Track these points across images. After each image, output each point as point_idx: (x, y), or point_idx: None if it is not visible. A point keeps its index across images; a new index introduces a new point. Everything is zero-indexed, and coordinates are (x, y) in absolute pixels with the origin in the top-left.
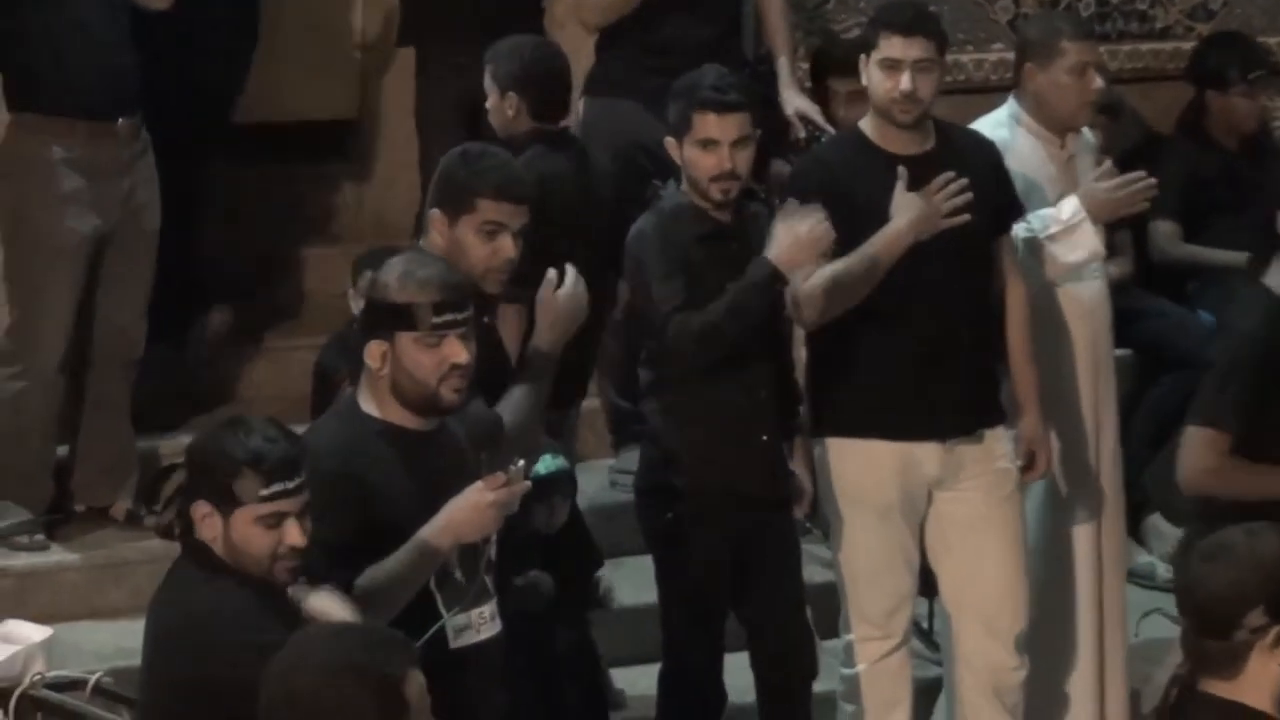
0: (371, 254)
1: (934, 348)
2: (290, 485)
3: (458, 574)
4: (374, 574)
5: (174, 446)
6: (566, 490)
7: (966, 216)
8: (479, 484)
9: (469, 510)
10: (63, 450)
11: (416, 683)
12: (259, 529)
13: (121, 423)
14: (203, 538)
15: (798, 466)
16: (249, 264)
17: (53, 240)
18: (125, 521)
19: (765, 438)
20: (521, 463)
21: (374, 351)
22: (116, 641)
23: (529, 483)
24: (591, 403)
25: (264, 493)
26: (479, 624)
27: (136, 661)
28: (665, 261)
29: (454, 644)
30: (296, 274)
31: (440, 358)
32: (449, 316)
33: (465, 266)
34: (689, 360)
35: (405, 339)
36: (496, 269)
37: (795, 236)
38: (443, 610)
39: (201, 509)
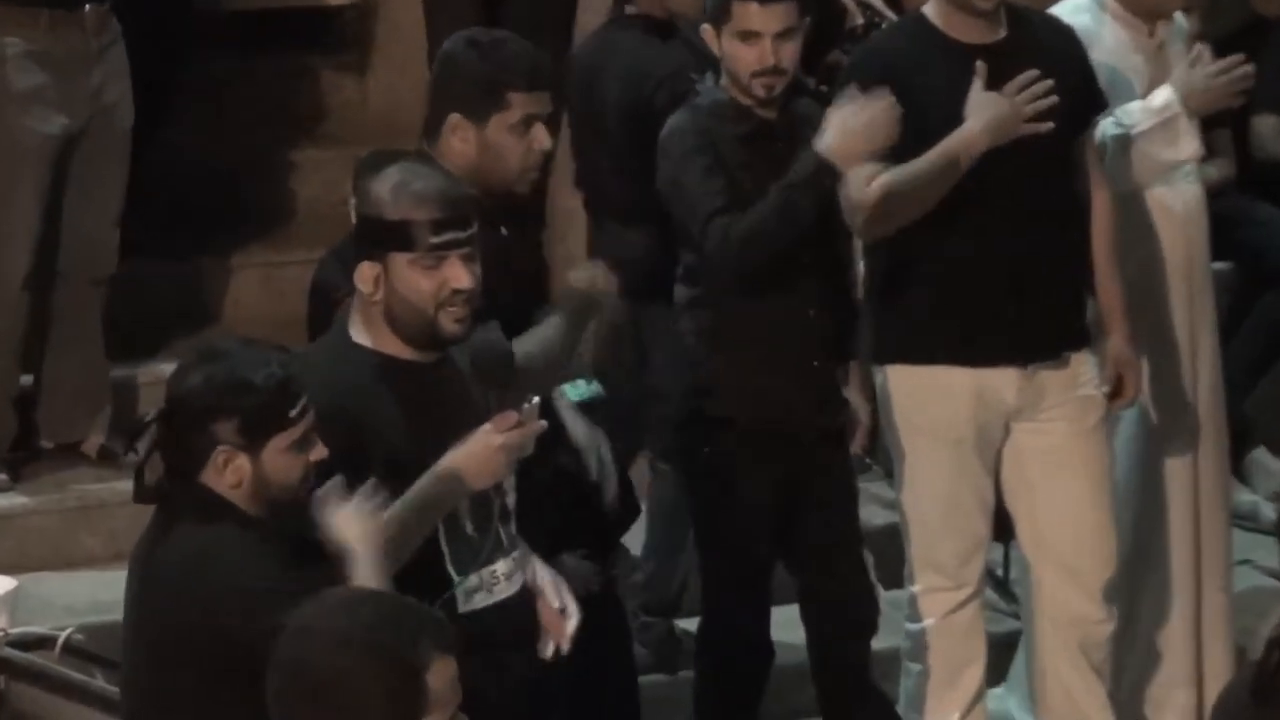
0: (375, 157)
1: (1010, 261)
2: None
3: (468, 527)
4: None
5: (153, 374)
6: (602, 421)
7: (1051, 124)
8: (487, 425)
9: (476, 455)
10: (27, 380)
11: (445, 673)
12: (292, 455)
13: (93, 347)
14: (220, 485)
15: (854, 395)
16: (236, 169)
17: (13, 143)
18: (99, 459)
19: (816, 363)
20: (536, 400)
21: (365, 274)
22: (90, 594)
23: (544, 423)
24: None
25: (294, 413)
26: (491, 584)
27: (112, 616)
28: (703, 162)
29: (463, 608)
30: (291, 180)
31: (440, 282)
32: (450, 235)
33: (500, 172)
34: (729, 272)
35: (400, 260)
36: (533, 166)
37: (848, 125)
38: (451, 570)
39: (222, 454)
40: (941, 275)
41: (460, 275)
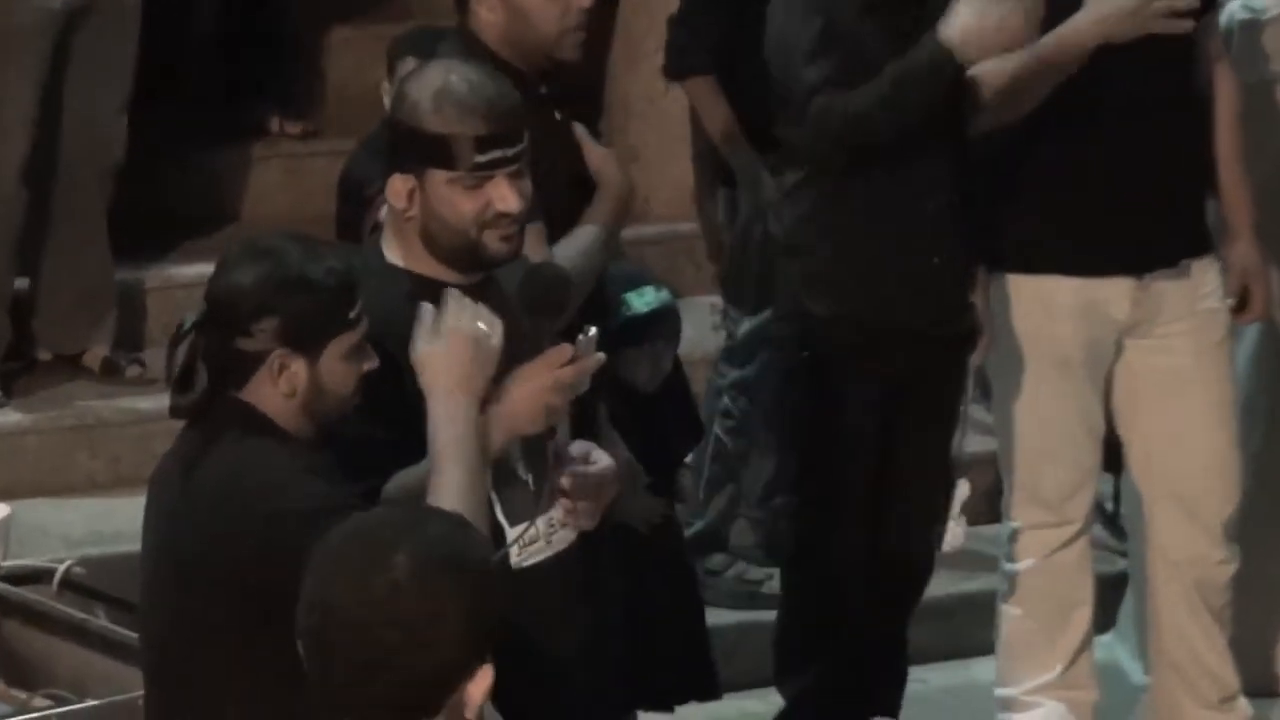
0: (412, 37)
1: (1123, 159)
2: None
3: (521, 471)
4: (404, 479)
5: (163, 278)
6: (672, 332)
7: (1190, 23)
8: (538, 361)
9: (526, 395)
10: (22, 283)
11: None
12: (349, 363)
13: (96, 247)
14: (268, 398)
15: (981, 301)
16: (257, 48)
17: (7, 17)
18: (101, 373)
19: (937, 260)
20: (593, 331)
21: (398, 188)
22: (90, 523)
23: (601, 355)
24: (690, 225)
25: (354, 314)
26: (549, 533)
27: (115, 548)
28: (816, 30)
29: (519, 561)
30: (318, 61)
31: (483, 203)
32: (496, 154)
33: (535, 39)
34: (833, 152)
35: (438, 178)
36: (573, 26)
37: (981, 21)
38: (503, 520)
39: (278, 359)
40: (1046, 175)
41: (507, 197)
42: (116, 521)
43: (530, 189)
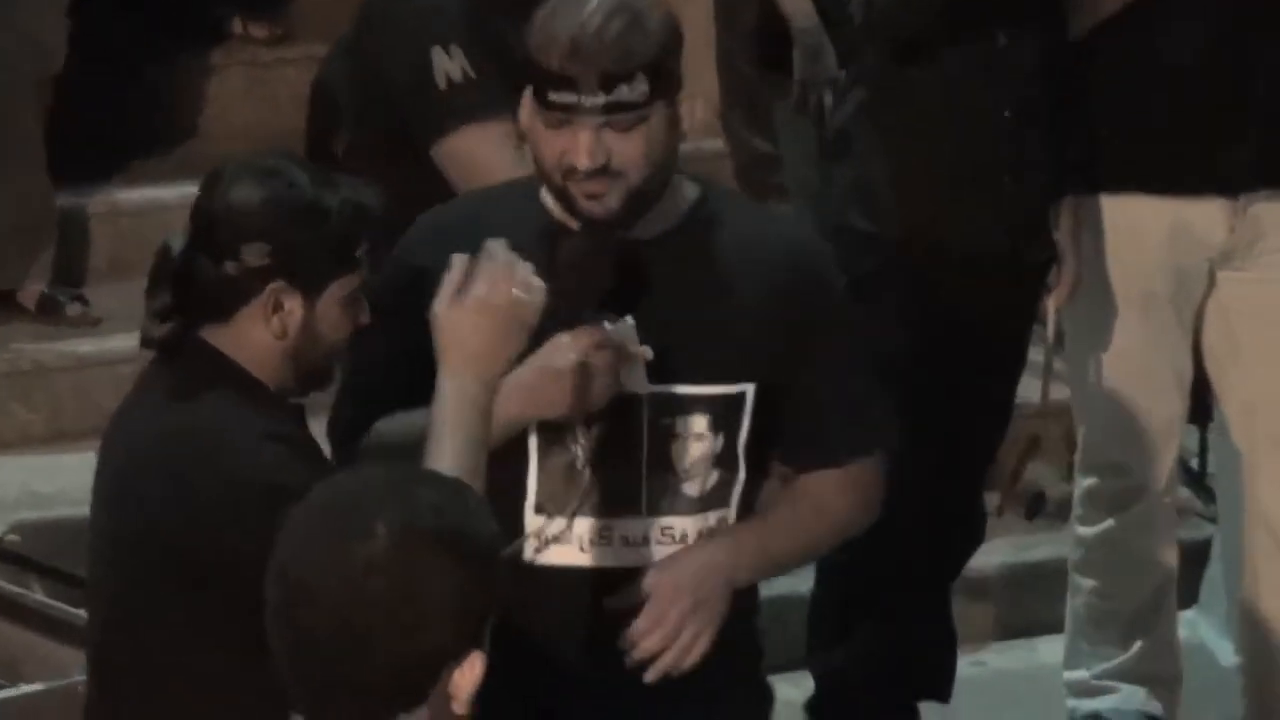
0: None
1: (1216, 61)
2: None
3: (580, 458)
4: (389, 426)
5: (108, 203)
6: None
7: None
8: (564, 336)
9: (542, 373)
10: None
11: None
12: (345, 310)
13: (32, 168)
14: (252, 340)
15: (1063, 235)
16: None
17: None
18: (38, 312)
19: (1008, 179)
20: (630, 320)
21: (525, 104)
22: (24, 482)
23: (648, 350)
24: (714, 143)
25: (360, 253)
26: (571, 539)
27: (55, 512)
28: None
29: (534, 557)
30: None
31: (559, 150)
32: (570, 98)
33: None
34: (891, 36)
35: (530, 104)
36: None
37: None
38: (531, 507)
39: (274, 293)
40: (1129, 79)
41: (578, 148)
42: (56, 481)
43: (644, 151)
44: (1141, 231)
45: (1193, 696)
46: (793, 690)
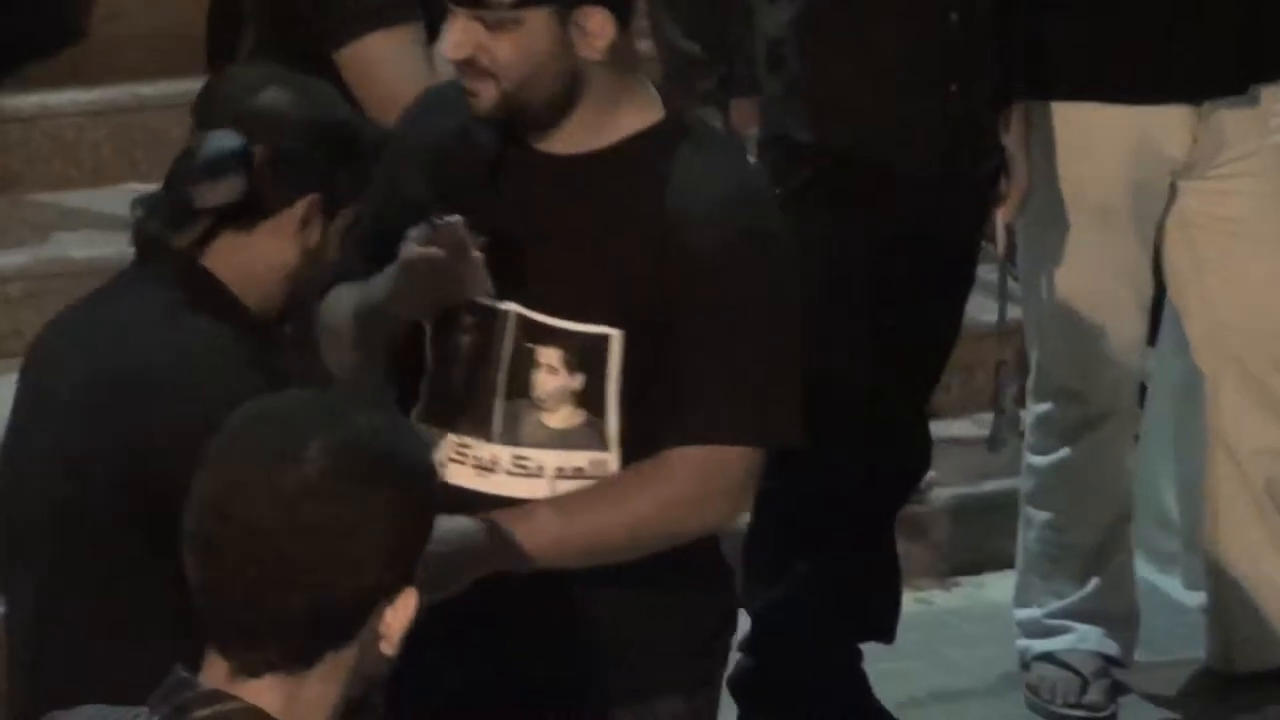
0: None
1: None
2: None
3: (457, 374)
4: (338, 297)
5: (14, 108)
6: None
7: None
8: (411, 231)
9: (399, 268)
10: None
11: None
12: (339, 238)
13: None
14: (275, 250)
15: (1012, 143)
16: None
17: None
18: None
19: (954, 87)
20: (457, 219)
21: None
22: None
23: (479, 254)
24: (640, 44)
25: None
26: (456, 459)
27: None
28: None
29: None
30: None
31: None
32: None
33: None
34: None
35: None
36: None
37: None
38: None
39: (305, 206)
40: None
41: (446, 39)
42: None
43: (514, 55)
44: (1098, 141)
45: (1151, 635)
46: None
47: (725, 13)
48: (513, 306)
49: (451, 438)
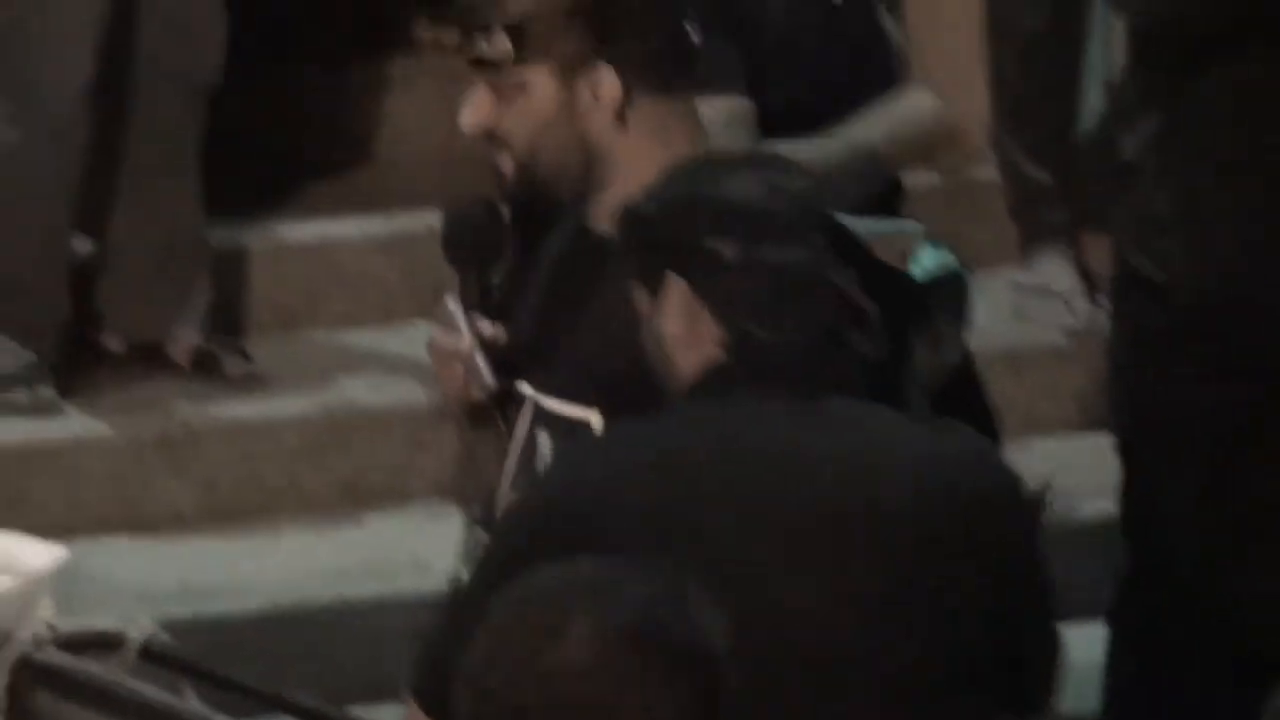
0: None
1: None
2: None
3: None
4: None
5: (270, 240)
6: (960, 305)
7: None
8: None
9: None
10: (85, 245)
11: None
12: None
13: (184, 196)
14: None
15: None
16: None
17: None
18: (192, 368)
19: None
20: (449, 302)
21: None
22: (176, 570)
23: (467, 341)
24: (984, 171)
25: None
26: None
27: (210, 606)
28: None
29: None
30: None
31: None
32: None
33: None
34: (1181, 29)
35: None
36: None
37: None
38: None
39: None
40: None
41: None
42: (213, 570)
43: (522, 122)
44: None
45: None
46: None
47: (1076, 138)
48: (529, 390)
49: (474, 530)
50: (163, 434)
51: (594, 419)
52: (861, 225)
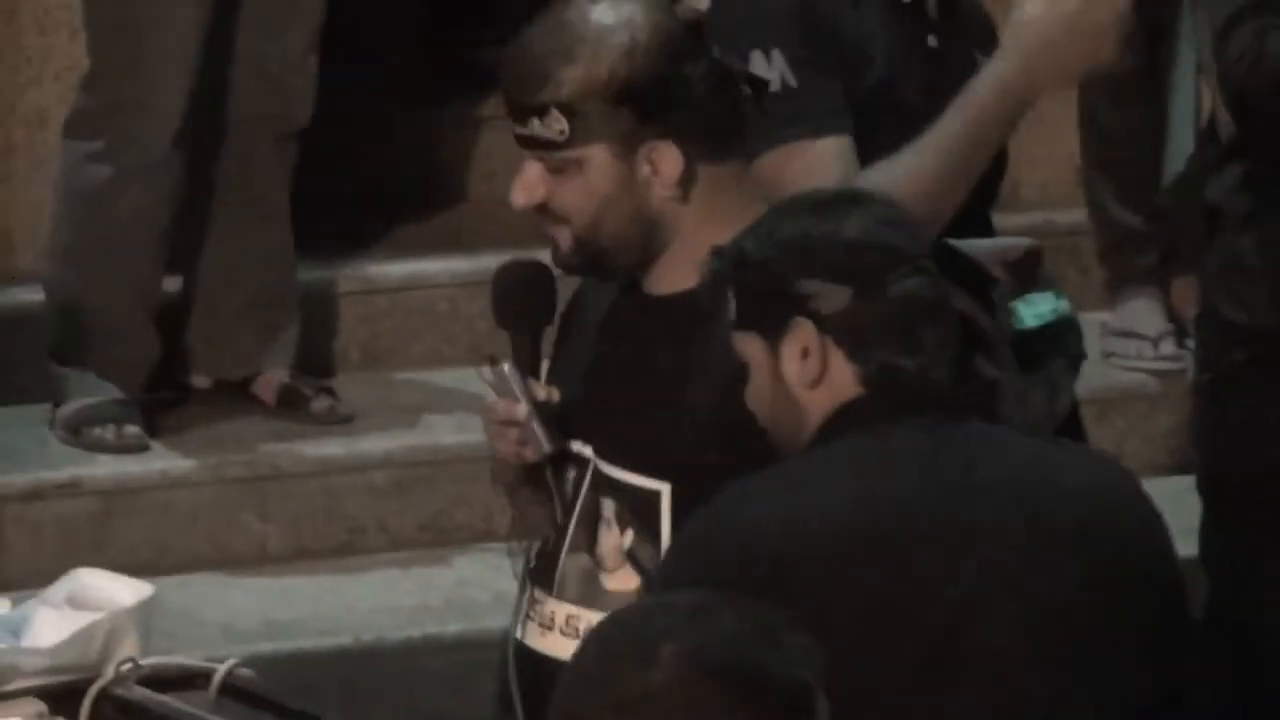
0: None
1: None
2: None
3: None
4: None
5: (359, 279)
6: (1074, 353)
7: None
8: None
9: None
10: (175, 284)
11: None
12: None
13: (273, 236)
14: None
15: None
16: None
17: None
18: (279, 406)
19: None
20: (506, 367)
21: None
22: (261, 607)
23: (524, 407)
24: (1073, 214)
25: None
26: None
27: (294, 643)
28: None
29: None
30: None
31: None
32: (516, 126)
33: None
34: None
35: None
36: None
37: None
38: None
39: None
40: None
41: (517, 181)
42: (297, 607)
43: (580, 199)
44: None
45: None
46: None
47: (1166, 181)
48: (587, 452)
49: (530, 593)
50: (250, 472)
51: (665, 491)
52: (967, 245)
